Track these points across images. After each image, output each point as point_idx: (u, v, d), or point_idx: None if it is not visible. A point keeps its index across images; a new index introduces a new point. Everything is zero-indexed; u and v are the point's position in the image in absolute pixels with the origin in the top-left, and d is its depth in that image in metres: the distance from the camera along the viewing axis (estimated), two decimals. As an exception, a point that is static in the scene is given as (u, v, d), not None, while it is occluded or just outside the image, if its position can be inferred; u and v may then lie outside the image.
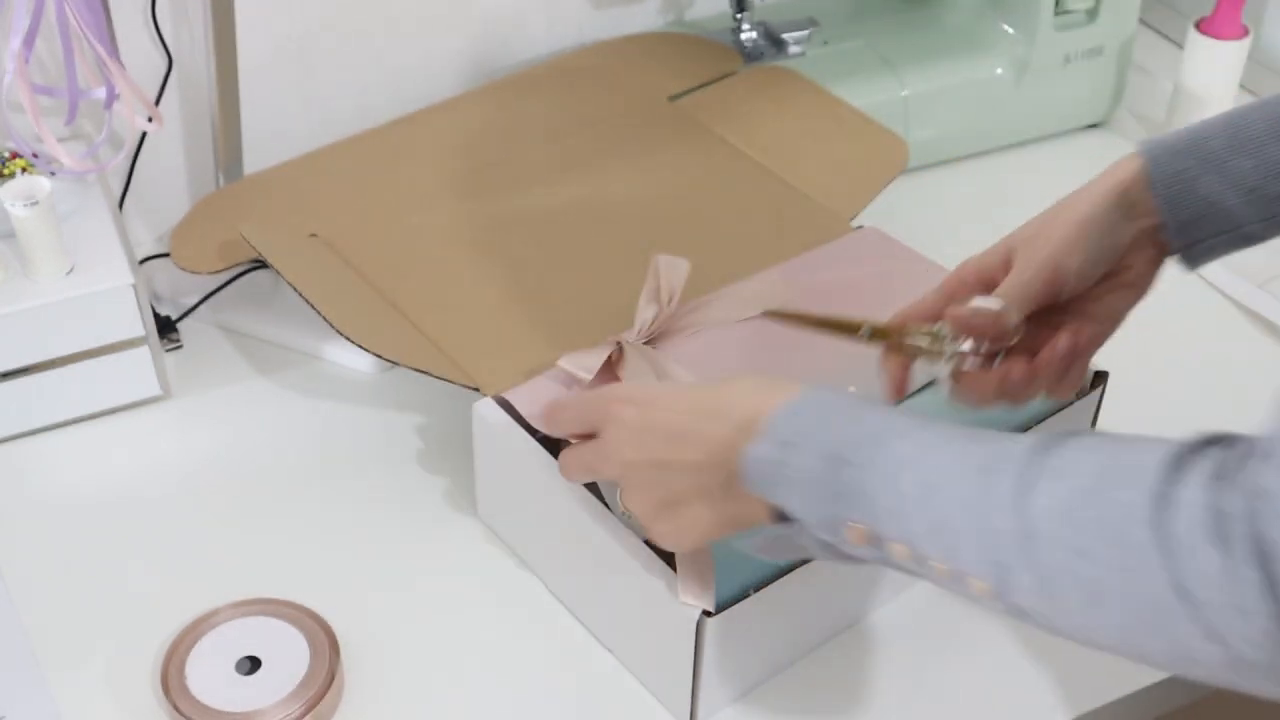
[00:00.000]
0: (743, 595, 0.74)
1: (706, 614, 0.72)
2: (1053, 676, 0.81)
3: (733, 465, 0.64)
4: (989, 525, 0.55)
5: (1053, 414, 0.85)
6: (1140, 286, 0.76)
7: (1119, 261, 0.75)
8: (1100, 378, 0.87)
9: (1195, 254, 0.75)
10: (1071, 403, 0.86)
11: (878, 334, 0.76)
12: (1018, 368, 0.74)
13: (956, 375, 0.74)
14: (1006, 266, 0.75)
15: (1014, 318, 0.72)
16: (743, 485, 0.64)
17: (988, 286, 0.75)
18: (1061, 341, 0.73)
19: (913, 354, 0.75)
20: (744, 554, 0.69)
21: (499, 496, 0.87)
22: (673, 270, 0.87)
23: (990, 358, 0.74)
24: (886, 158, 1.07)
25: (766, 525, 0.65)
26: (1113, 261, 0.75)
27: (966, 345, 0.72)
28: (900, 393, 0.77)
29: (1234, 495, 0.48)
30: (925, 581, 0.61)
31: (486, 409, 0.84)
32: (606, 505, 0.78)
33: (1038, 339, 0.75)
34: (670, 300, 0.87)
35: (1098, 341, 0.77)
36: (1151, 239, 0.75)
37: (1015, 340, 0.73)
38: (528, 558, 0.87)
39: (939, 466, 0.58)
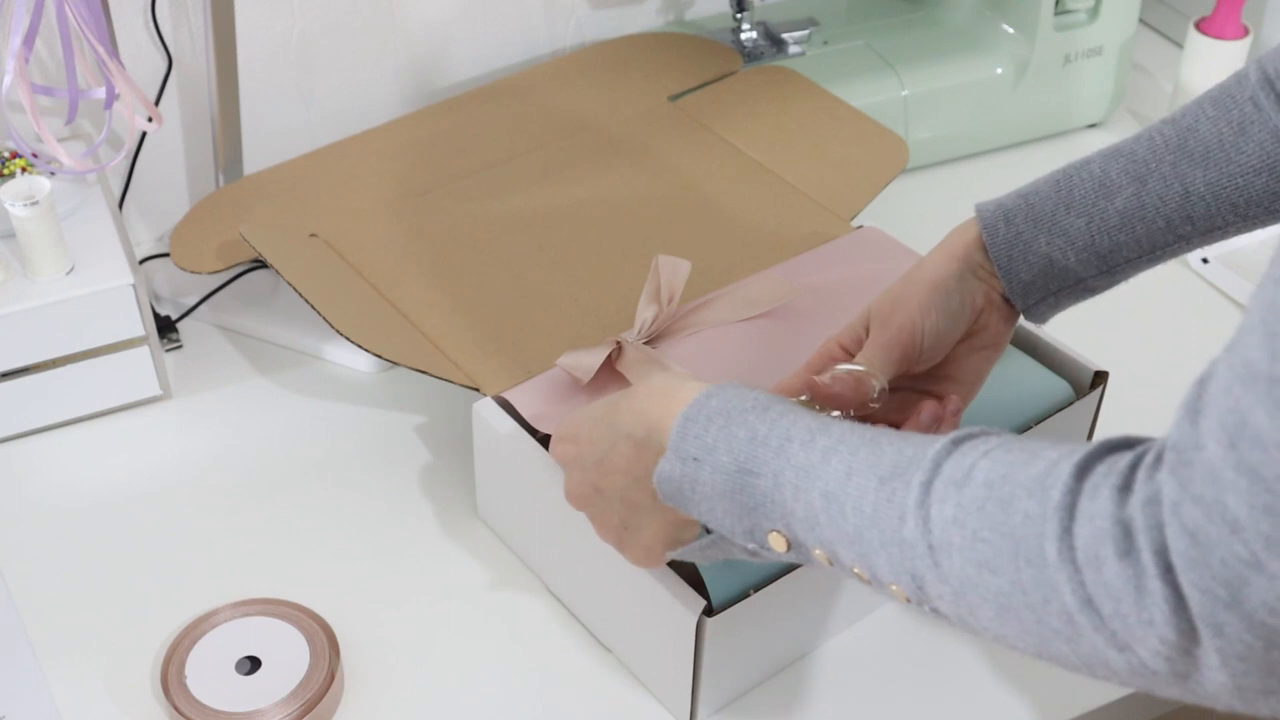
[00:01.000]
0: (743, 595, 0.74)
1: (707, 614, 0.72)
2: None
3: (649, 483, 0.65)
4: (897, 536, 0.55)
5: (1053, 414, 0.85)
6: (999, 345, 0.77)
7: (974, 322, 0.75)
8: (1100, 377, 0.87)
9: (1040, 311, 0.76)
10: (1072, 402, 0.86)
11: None
12: None
13: None
14: (866, 336, 0.75)
15: (876, 382, 0.72)
16: (662, 501, 0.65)
17: (851, 357, 0.75)
18: (925, 412, 0.72)
19: None
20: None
21: (499, 496, 0.87)
22: (673, 270, 0.87)
23: None
24: (887, 157, 1.07)
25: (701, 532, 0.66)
26: (968, 321, 0.75)
27: (835, 415, 0.70)
28: None
29: (1138, 507, 0.48)
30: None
31: (486, 409, 0.84)
32: None
33: (905, 409, 0.74)
34: (670, 300, 0.87)
35: (964, 403, 0.76)
36: (1000, 298, 0.76)
37: (879, 405, 0.72)
38: (527, 557, 0.87)
39: (840, 475, 0.57)
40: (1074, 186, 0.74)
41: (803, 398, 0.71)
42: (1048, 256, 0.74)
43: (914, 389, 0.76)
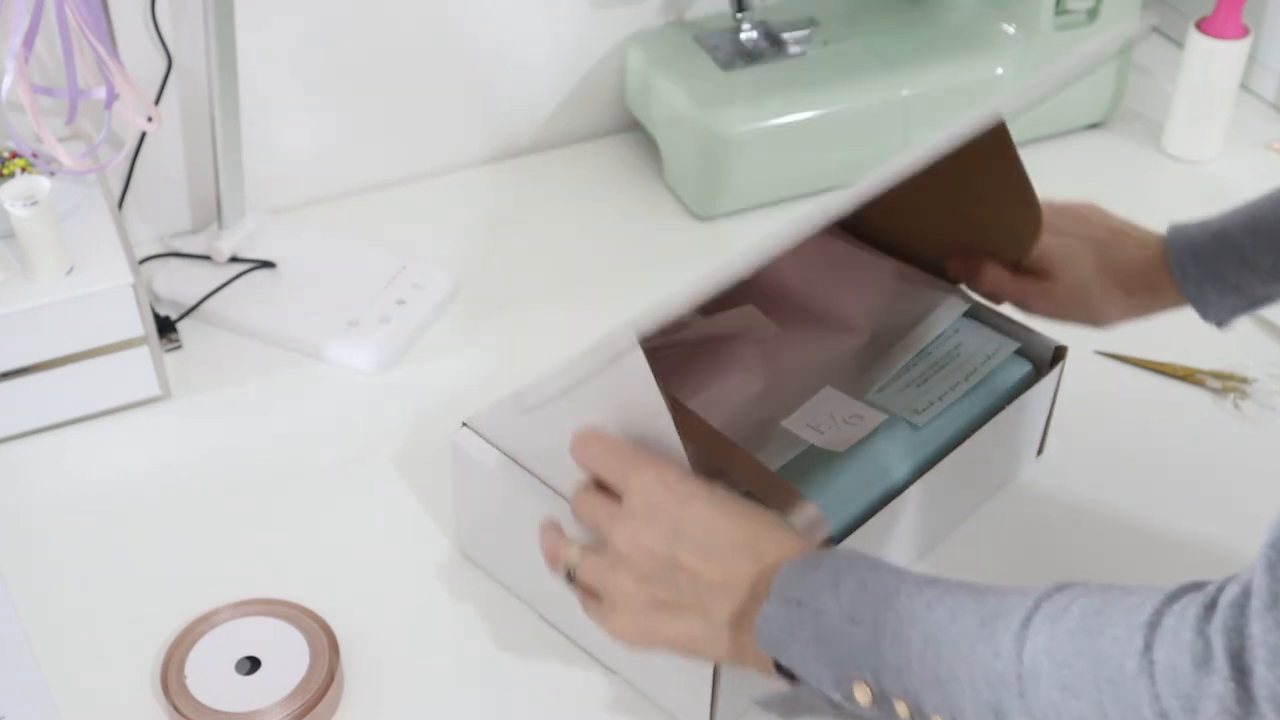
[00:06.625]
0: None
1: None
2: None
3: (744, 609, 0.64)
4: (989, 671, 0.56)
5: (1021, 393, 0.86)
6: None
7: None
8: (1060, 353, 0.87)
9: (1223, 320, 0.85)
10: (1034, 384, 0.87)
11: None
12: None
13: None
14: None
15: None
16: (754, 641, 0.63)
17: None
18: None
19: None
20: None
21: (484, 530, 0.84)
22: None
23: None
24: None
25: (763, 673, 0.65)
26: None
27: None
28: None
29: (1219, 629, 0.50)
30: None
31: (466, 440, 0.80)
32: None
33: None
34: None
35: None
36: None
37: None
38: (519, 590, 0.84)
39: (941, 622, 0.59)
40: (1262, 218, 0.80)
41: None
42: (1235, 287, 0.81)
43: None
